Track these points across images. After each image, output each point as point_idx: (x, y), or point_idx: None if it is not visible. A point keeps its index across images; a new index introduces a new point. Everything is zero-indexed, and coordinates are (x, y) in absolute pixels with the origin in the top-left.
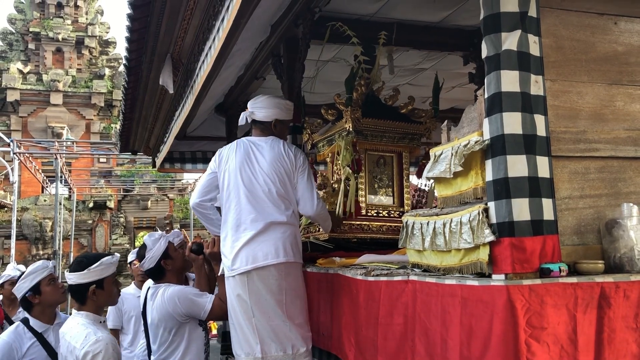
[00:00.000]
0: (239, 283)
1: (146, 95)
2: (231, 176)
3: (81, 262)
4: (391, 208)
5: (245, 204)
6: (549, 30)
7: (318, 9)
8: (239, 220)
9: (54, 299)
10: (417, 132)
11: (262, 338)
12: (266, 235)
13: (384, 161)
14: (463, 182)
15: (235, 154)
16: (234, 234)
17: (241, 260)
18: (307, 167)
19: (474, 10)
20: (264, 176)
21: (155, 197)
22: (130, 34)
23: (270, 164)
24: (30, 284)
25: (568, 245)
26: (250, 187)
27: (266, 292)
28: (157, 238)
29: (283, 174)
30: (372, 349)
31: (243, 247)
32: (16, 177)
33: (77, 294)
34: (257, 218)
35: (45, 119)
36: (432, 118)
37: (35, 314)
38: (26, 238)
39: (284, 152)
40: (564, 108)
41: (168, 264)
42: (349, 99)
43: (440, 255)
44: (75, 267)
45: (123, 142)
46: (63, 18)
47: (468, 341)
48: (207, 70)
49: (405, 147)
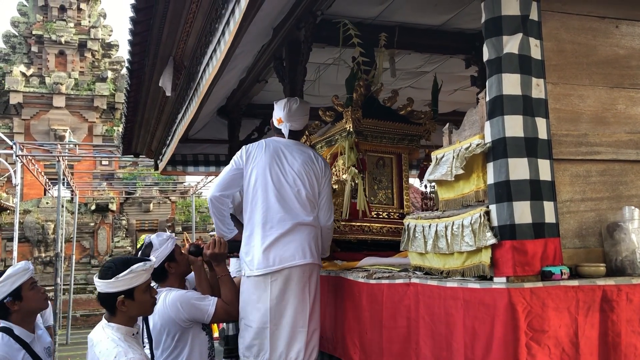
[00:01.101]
0: (261, 283)
1: (148, 98)
2: (259, 174)
3: (109, 268)
4: (391, 209)
5: (273, 202)
6: (551, 33)
7: (320, 12)
8: (265, 219)
9: (36, 306)
10: (417, 134)
11: (274, 345)
12: (293, 235)
13: (383, 162)
14: (465, 185)
15: (265, 152)
16: (260, 232)
17: (267, 260)
18: (330, 178)
19: (476, 14)
20: (293, 177)
21: (157, 199)
22: (133, 37)
23: (301, 165)
24: (10, 288)
25: (569, 248)
26: (279, 187)
27: (289, 294)
28: (165, 239)
29: (313, 178)
30: (378, 352)
31: (270, 246)
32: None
33: (106, 303)
34: (285, 217)
35: (47, 121)
36: (431, 120)
37: (16, 321)
38: (28, 240)
39: (314, 158)
40: (566, 111)
41: (172, 267)
42: (349, 99)
43: (443, 258)
44: (102, 273)
45: (125, 144)
46: (66, 21)
47: (472, 344)
48: (213, 73)
49: (404, 149)
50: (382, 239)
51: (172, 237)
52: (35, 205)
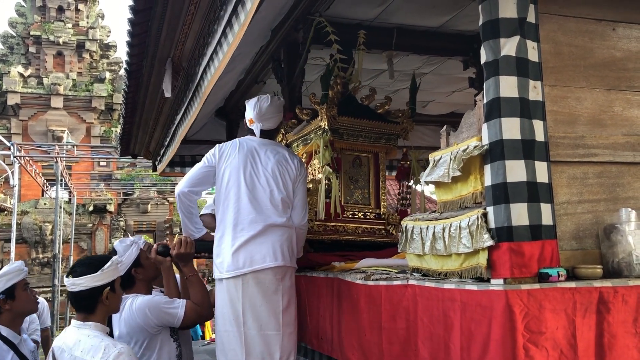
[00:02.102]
0: (232, 286)
1: (147, 99)
2: (232, 174)
3: (91, 263)
4: (367, 209)
5: (245, 203)
6: (548, 36)
7: (318, 13)
8: (237, 220)
9: (28, 308)
10: (394, 133)
11: (249, 349)
12: (264, 237)
13: (360, 162)
14: (462, 187)
15: (238, 152)
16: (231, 233)
17: (237, 262)
18: (306, 178)
19: (474, 16)
20: (267, 177)
21: (155, 200)
22: (131, 38)
23: (274, 166)
24: (4, 286)
25: (567, 250)
26: (252, 188)
27: (262, 298)
28: (129, 244)
29: (287, 178)
30: (378, 353)
31: (240, 248)
32: (16, 181)
33: (87, 301)
34: (256, 219)
35: (45, 122)
36: (409, 118)
37: (5, 322)
38: (26, 242)
39: (289, 158)
40: (563, 113)
41: (139, 273)
42: (325, 96)
43: (441, 260)
44: (85, 269)
45: (123, 145)
46: (64, 22)
47: (468, 345)
48: (217, 74)
49: (381, 148)
50: (357, 239)
51: (136, 241)
52: (33, 207)
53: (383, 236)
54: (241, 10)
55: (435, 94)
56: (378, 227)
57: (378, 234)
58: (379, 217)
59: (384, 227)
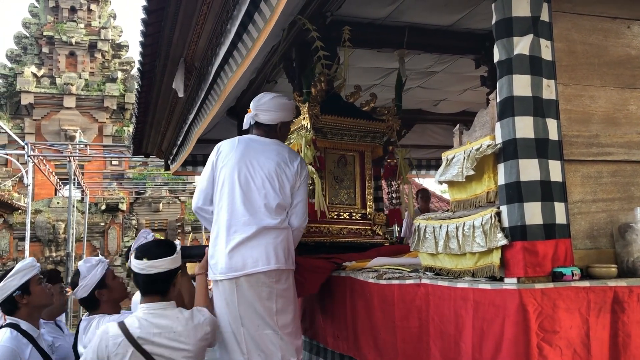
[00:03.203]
0: (227, 288)
1: (159, 98)
2: (227, 175)
3: (165, 246)
4: (352, 210)
5: (239, 205)
6: (562, 34)
7: (330, 13)
8: (230, 222)
9: (44, 301)
10: (379, 130)
11: (250, 349)
12: (257, 240)
13: (345, 161)
14: (475, 186)
15: (235, 151)
16: (225, 235)
17: (230, 265)
18: (307, 180)
19: (486, 14)
20: (262, 179)
21: (166, 199)
22: (145, 38)
23: (272, 168)
24: (19, 282)
25: (581, 249)
26: (246, 189)
27: (256, 300)
28: (94, 264)
29: (284, 180)
30: (393, 352)
31: (233, 251)
32: (30, 180)
33: (165, 283)
34: (250, 221)
35: (58, 122)
36: (394, 116)
37: (23, 317)
38: (39, 240)
39: (288, 159)
40: (577, 112)
41: (103, 294)
42: (307, 94)
43: (455, 259)
44: (161, 252)
45: (136, 145)
46: (76, 22)
47: (480, 344)
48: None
49: (367, 146)
50: (343, 240)
51: (102, 261)
52: (46, 205)
53: (369, 237)
54: (265, 7)
55: (447, 93)
56: (364, 227)
57: (364, 235)
58: (365, 218)
59: (370, 227)
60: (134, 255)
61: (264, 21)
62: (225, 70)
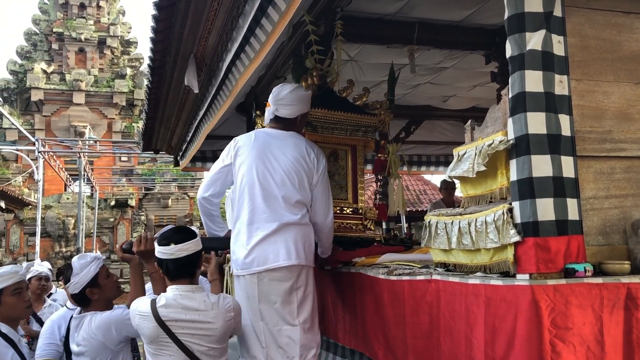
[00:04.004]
0: (249, 283)
1: (169, 95)
2: (246, 172)
3: (185, 230)
4: (344, 204)
5: (259, 202)
6: (575, 29)
7: (340, 8)
8: (252, 219)
9: (16, 314)
10: (371, 125)
11: (269, 343)
12: (278, 235)
13: (336, 155)
14: (487, 182)
15: (252, 147)
16: (246, 231)
17: (252, 261)
18: (326, 172)
19: (496, 9)
20: (281, 175)
21: (175, 195)
22: (155, 34)
23: (290, 162)
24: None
25: (593, 246)
26: (266, 185)
27: (276, 295)
28: (88, 262)
29: (302, 175)
30: (403, 348)
31: (255, 247)
32: (41, 176)
33: (193, 265)
34: (271, 218)
35: (68, 118)
36: (387, 110)
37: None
38: (49, 235)
39: (306, 152)
40: (590, 108)
41: (95, 293)
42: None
43: (470, 254)
44: (184, 236)
45: (146, 141)
46: (86, 18)
47: (492, 341)
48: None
49: (359, 140)
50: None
51: (97, 258)
52: (56, 201)
53: (360, 231)
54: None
55: (456, 89)
56: (355, 222)
57: (355, 230)
58: (356, 212)
59: (361, 222)
60: (159, 243)
61: (278, 14)
62: (237, 65)
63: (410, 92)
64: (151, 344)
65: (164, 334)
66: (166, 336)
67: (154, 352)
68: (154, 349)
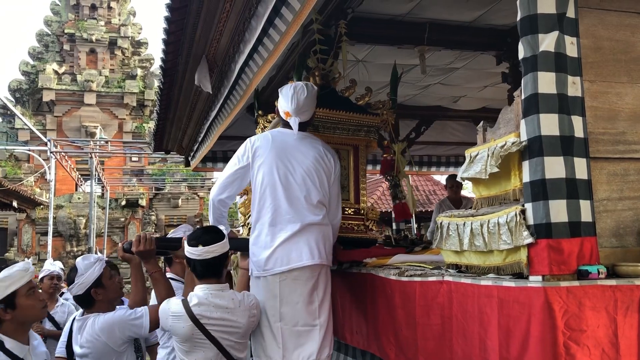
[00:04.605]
0: (270, 284)
1: (181, 95)
2: (266, 173)
3: (214, 232)
4: (345, 205)
5: (282, 202)
6: (588, 30)
7: (351, 9)
8: (274, 220)
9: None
10: (373, 124)
11: (286, 343)
12: (301, 236)
13: (338, 155)
14: (500, 183)
15: (271, 149)
16: (269, 232)
17: (275, 261)
18: (339, 174)
19: (508, 10)
20: (302, 175)
21: (185, 195)
22: (167, 36)
23: (311, 163)
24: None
25: (606, 248)
26: (287, 186)
27: (299, 295)
28: (92, 262)
29: (322, 175)
30: (413, 349)
31: (278, 247)
32: (53, 176)
33: (220, 266)
34: (294, 219)
35: (79, 118)
36: (389, 110)
37: (7, 333)
38: (61, 235)
39: (324, 153)
40: (603, 109)
41: (99, 294)
42: None
43: (483, 256)
44: (213, 237)
45: (157, 141)
46: (97, 19)
47: (507, 342)
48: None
49: (361, 140)
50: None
51: (100, 259)
52: (67, 201)
53: (362, 232)
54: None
55: (467, 89)
56: (357, 222)
57: (357, 230)
58: (358, 213)
59: (362, 222)
60: (188, 243)
61: (292, 14)
62: (250, 66)
63: (420, 93)
64: (185, 342)
65: (199, 331)
66: (201, 333)
67: (188, 349)
68: (187, 346)
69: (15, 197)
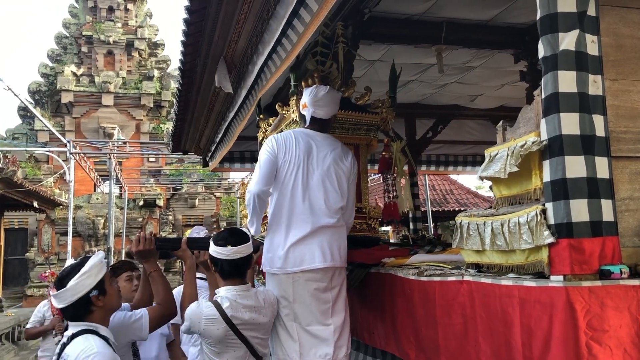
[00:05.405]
0: (283, 282)
1: (199, 97)
2: (289, 172)
3: (240, 234)
4: None
5: (299, 203)
6: (609, 28)
7: (367, 9)
8: (290, 220)
9: (117, 302)
10: (373, 123)
11: (302, 342)
12: (314, 237)
13: None
14: (520, 183)
15: (296, 147)
16: (284, 232)
17: (288, 261)
18: (356, 177)
19: (525, 8)
20: (322, 177)
21: (202, 195)
22: (186, 38)
23: (330, 165)
24: (95, 280)
25: (629, 247)
26: (306, 187)
27: (310, 296)
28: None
29: (342, 177)
30: (434, 348)
31: (291, 247)
32: (72, 176)
33: (247, 266)
34: (308, 219)
35: (97, 119)
36: (389, 108)
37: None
38: (79, 235)
39: (343, 155)
40: (625, 108)
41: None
42: (295, 87)
43: (505, 255)
44: (240, 239)
45: (175, 142)
46: (114, 21)
47: (529, 342)
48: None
49: (361, 139)
50: None
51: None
52: (86, 201)
53: (365, 230)
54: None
55: (484, 88)
56: (359, 221)
57: (359, 229)
58: (360, 212)
59: (365, 221)
60: (215, 242)
61: (310, 15)
62: (269, 66)
63: (437, 92)
64: (217, 344)
65: (232, 333)
66: (233, 334)
67: (219, 350)
68: (219, 348)
69: (35, 198)
